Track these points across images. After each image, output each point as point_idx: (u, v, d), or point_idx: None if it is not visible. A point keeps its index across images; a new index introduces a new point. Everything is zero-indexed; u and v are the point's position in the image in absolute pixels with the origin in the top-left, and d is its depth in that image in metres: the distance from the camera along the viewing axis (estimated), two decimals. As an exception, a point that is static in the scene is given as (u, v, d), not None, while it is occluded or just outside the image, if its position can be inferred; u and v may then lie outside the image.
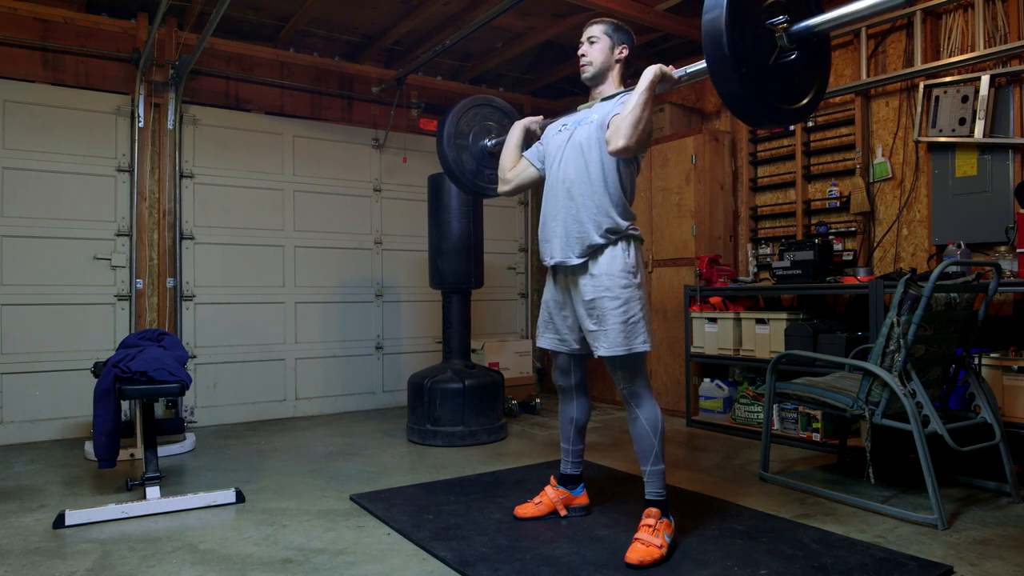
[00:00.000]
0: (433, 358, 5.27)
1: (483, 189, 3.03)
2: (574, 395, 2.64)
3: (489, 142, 3.00)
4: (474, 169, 3.00)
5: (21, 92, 4.12)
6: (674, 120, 5.02)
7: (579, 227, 2.34)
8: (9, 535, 2.50)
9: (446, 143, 2.92)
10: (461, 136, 2.97)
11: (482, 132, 3.02)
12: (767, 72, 1.91)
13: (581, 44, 2.47)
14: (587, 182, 2.34)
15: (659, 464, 2.30)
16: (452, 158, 2.93)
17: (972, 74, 3.58)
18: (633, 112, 2.17)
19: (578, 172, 2.36)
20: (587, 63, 2.45)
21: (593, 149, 2.34)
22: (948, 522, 2.53)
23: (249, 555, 2.31)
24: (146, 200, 4.43)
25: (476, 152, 3.00)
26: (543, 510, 2.65)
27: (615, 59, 2.44)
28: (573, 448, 2.68)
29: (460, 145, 2.96)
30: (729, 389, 4.40)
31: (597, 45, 2.43)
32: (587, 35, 2.46)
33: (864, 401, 2.74)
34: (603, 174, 2.33)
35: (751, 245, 4.73)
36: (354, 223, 5.23)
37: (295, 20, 4.55)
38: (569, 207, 2.37)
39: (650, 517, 2.26)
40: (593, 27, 2.46)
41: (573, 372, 2.61)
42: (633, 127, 2.17)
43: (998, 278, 2.80)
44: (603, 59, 2.43)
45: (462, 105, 3.00)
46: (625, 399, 2.36)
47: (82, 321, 4.26)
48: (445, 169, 2.98)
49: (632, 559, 2.15)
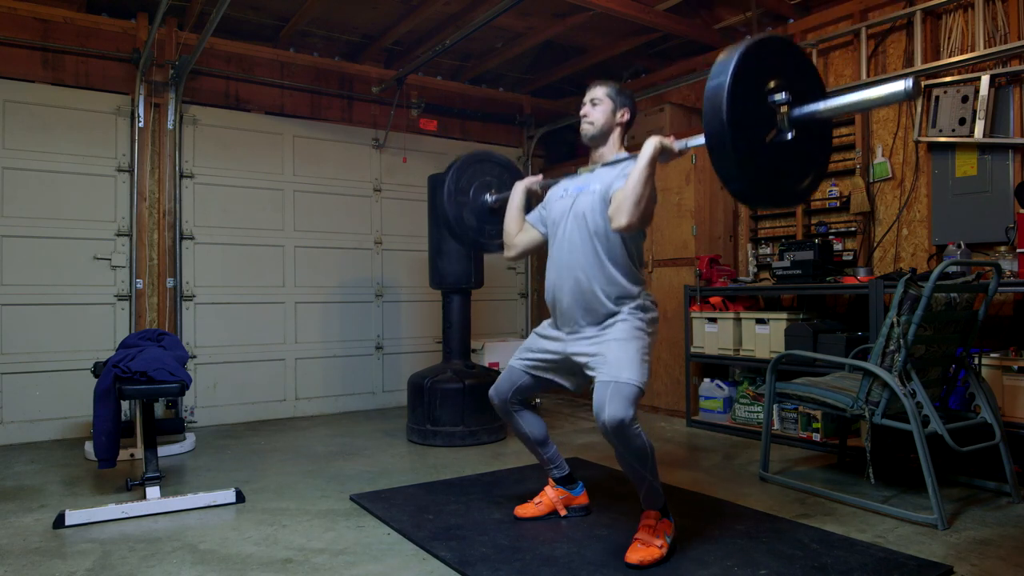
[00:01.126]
0: (433, 358, 5.27)
1: (485, 245, 3.08)
2: (514, 412, 2.59)
3: (490, 198, 3.04)
4: (475, 226, 3.04)
5: (21, 92, 4.12)
6: (674, 120, 5.02)
7: (589, 298, 2.32)
8: (9, 535, 2.50)
9: (447, 201, 2.96)
10: (462, 193, 3.02)
11: (482, 188, 3.06)
12: (764, 151, 1.89)
13: (583, 104, 2.47)
14: (592, 253, 2.32)
15: (654, 484, 2.25)
16: (454, 215, 2.98)
17: (972, 74, 3.58)
18: (635, 190, 2.15)
19: (583, 243, 2.33)
20: (588, 123, 2.44)
21: (597, 220, 2.31)
22: (948, 522, 2.53)
23: (249, 555, 2.31)
24: (146, 200, 4.43)
25: (477, 208, 3.04)
26: (543, 510, 2.65)
27: (616, 122, 2.44)
28: (546, 456, 2.65)
29: (461, 202, 3.01)
30: (729, 389, 4.40)
31: (600, 107, 2.43)
32: (590, 96, 2.46)
33: (864, 401, 2.74)
34: (608, 245, 2.31)
35: (751, 245, 4.73)
36: (354, 223, 5.23)
37: (295, 20, 4.55)
38: (577, 279, 2.33)
39: (650, 518, 2.25)
40: (597, 89, 2.46)
41: (519, 394, 2.56)
42: (635, 205, 2.15)
43: (998, 278, 2.80)
44: (605, 120, 2.43)
45: (462, 162, 3.05)
46: (610, 435, 2.12)
47: (82, 321, 4.26)
48: (447, 227, 3.04)
49: (632, 559, 2.15)
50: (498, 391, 2.59)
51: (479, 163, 3.09)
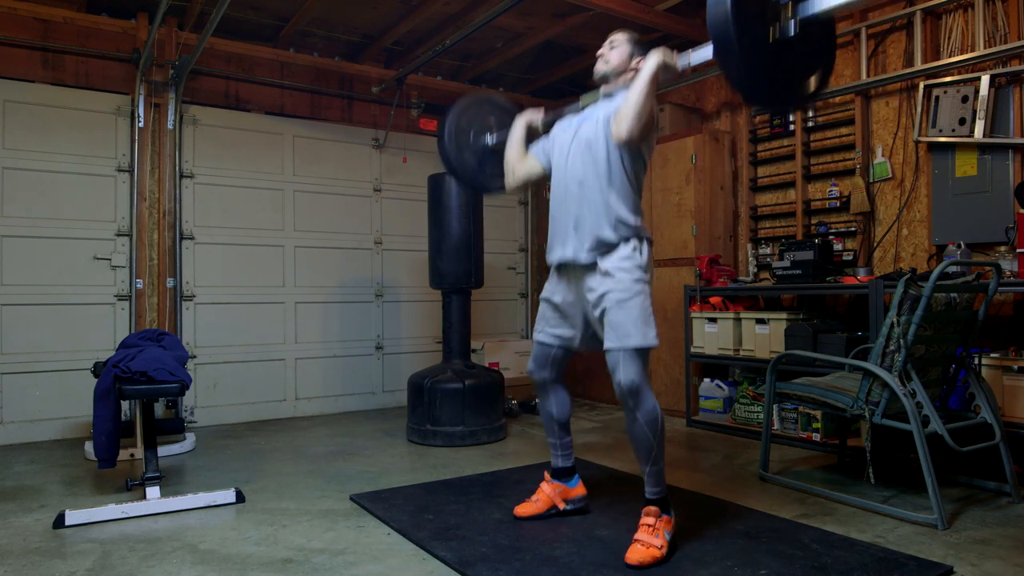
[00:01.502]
0: (433, 358, 5.27)
1: (484, 185, 3.05)
2: (550, 389, 2.63)
3: (490, 139, 3.00)
4: (475, 166, 3.00)
5: (21, 92, 4.12)
6: (674, 120, 5.02)
7: (590, 223, 2.35)
8: (9, 535, 2.50)
9: (447, 141, 2.92)
10: (462, 134, 2.97)
11: (482, 130, 3.02)
12: (772, 52, 1.92)
13: (602, 47, 2.50)
14: (595, 177, 2.35)
15: (659, 463, 2.29)
16: (453, 156, 2.94)
17: (972, 74, 3.58)
18: (637, 100, 2.19)
19: (585, 169, 2.37)
20: (604, 62, 2.47)
21: (600, 145, 2.35)
22: (948, 522, 2.53)
23: (249, 555, 2.31)
24: (146, 200, 4.43)
25: (477, 150, 3.00)
26: (541, 507, 2.65)
27: (631, 67, 2.44)
28: (560, 442, 2.68)
29: (461, 143, 2.96)
30: (729, 389, 4.40)
31: (617, 50, 2.45)
32: (610, 39, 2.49)
33: (864, 401, 2.74)
34: (609, 169, 2.34)
35: (751, 245, 4.73)
36: (354, 223, 5.23)
37: (295, 20, 4.55)
38: (579, 204, 2.37)
39: (649, 516, 2.25)
40: (617, 34, 2.49)
41: (551, 366, 2.60)
42: (637, 116, 2.19)
43: (998, 278, 2.80)
44: (619, 62, 2.44)
45: (463, 103, 3.01)
46: (624, 397, 2.27)
47: (82, 321, 4.26)
48: (446, 166, 2.98)
49: (632, 560, 2.15)
50: (536, 365, 2.64)
51: (480, 104, 3.05)
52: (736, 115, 4.87)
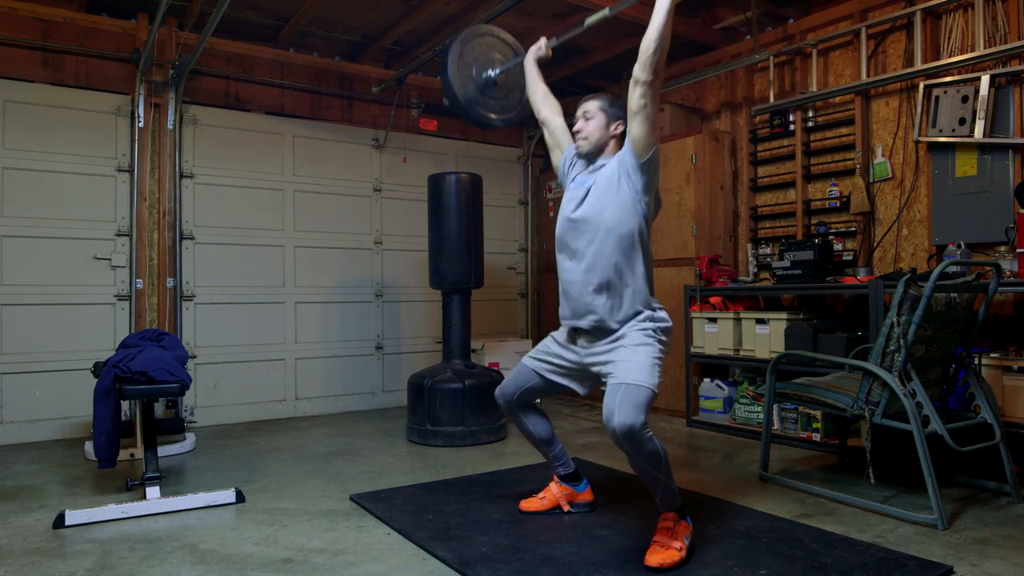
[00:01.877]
0: (433, 358, 5.27)
1: (486, 120, 2.96)
2: (520, 412, 2.61)
3: (493, 72, 2.93)
4: (478, 98, 2.92)
5: (21, 92, 4.12)
6: (674, 120, 5.02)
7: (602, 299, 2.30)
8: (9, 535, 2.50)
9: (450, 69, 2.83)
10: (465, 66, 2.89)
11: (486, 63, 2.94)
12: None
13: (576, 120, 2.45)
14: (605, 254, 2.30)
15: (669, 486, 2.23)
16: (457, 86, 2.84)
17: (972, 74, 3.58)
18: (656, 35, 2.14)
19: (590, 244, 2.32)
20: (583, 139, 2.43)
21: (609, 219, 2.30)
22: (948, 522, 2.53)
23: (249, 555, 2.31)
24: (146, 200, 4.43)
25: (480, 82, 2.93)
26: (547, 504, 2.67)
27: (611, 135, 2.42)
28: (553, 454, 2.68)
29: (464, 75, 2.89)
30: (729, 389, 4.40)
31: (593, 121, 2.41)
32: (582, 110, 2.44)
33: (864, 401, 2.74)
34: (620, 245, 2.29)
35: (751, 245, 4.73)
36: (354, 223, 5.23)
37: (295, 20, 4.55)
38: (591, 275, 2.33)
39: (667, 520, 2.24)
40: (589, 103, 2.43)
41: (527, 395, 2.56)
42: (654, 53, 2.14)
43: (998, 278, 2.80)
44: (599, 135, 2.41)
45: (465, 34, 2.92)
46: (621, 442, 2.09)
47: (82, 321, 4.26)
48: (449, 98, 2.88)
49: (652, 562, 2.13)
50: (504, 392, 2.60)
51: (484, 36, 2.98)
52: (736, 115, 4.87)
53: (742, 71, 4.81)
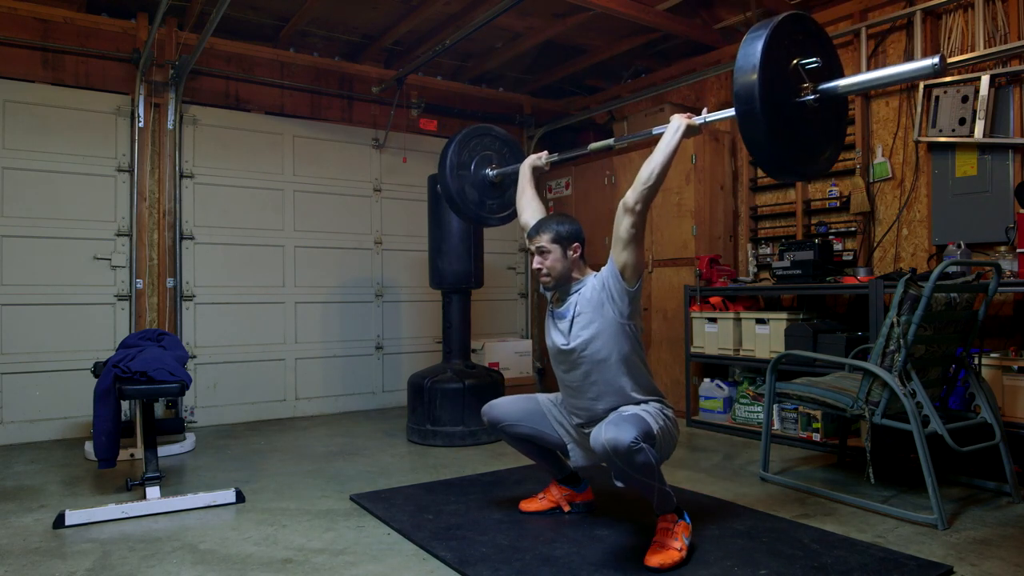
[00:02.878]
0: (433, 358, 5.26)
1: (485, 219, 3.09)
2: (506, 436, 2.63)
3: (491, 172, 3.04)
4: (476, 200, 3.05)
5: (21, 92, 4.12)
6: (674, 120, 5.01)
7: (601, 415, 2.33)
8: (9, 535, 2.50)
9: (449, 174, 2.95)
10: (463, 167, 3.01)
11: (483, 162, 3.06)
12: (790, 119, 1.98)
13: (533, 256, 2.43)
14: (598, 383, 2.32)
15: (664, 490, 2.22)
16: (455, 189, 2.98)
17: (972, 74, 3.58)
18: (657, 169, 2.16)
19: (585, 376, 2.33)
20: (546, 276, 2.40)
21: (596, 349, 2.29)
22: (948, 522, 2.53)
23: (249, 555, 2.31)
24: (146, 200, 4.43)
25: (478, 182, 3.04)
26: (547, 504, 2.68)
27: (571, 260, 2.39)
28: (547, 462, 2.69)
29: (462, 176, 3.00)
30: (729, 389, 4.40)
31: (550, 255, 2.37)
32: (535, 246, 2.40)
33: (864, 401, 2.74)
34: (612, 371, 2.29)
35: (751, 245, 4.73)
36: (354, 223, 5.23)
37: (295, 20, 4.55)
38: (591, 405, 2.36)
39: (667, 521, 2.24)
40: (539, 238, 2.38)
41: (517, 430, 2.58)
42: (649, 186, 2.16)
43: (998, 278, 2.80)
44: (560, 267, 2.38)
45: (464, 135, 3.04)
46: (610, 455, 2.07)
47: (82, 321, 4.26)
48: (448, 200, 3.03)
49: (652, 562, 2.13)
50: (492, 413, 2.61)
51: (480, 137, 3.08)
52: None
53: (742, 71, 4.79)
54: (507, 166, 3.02)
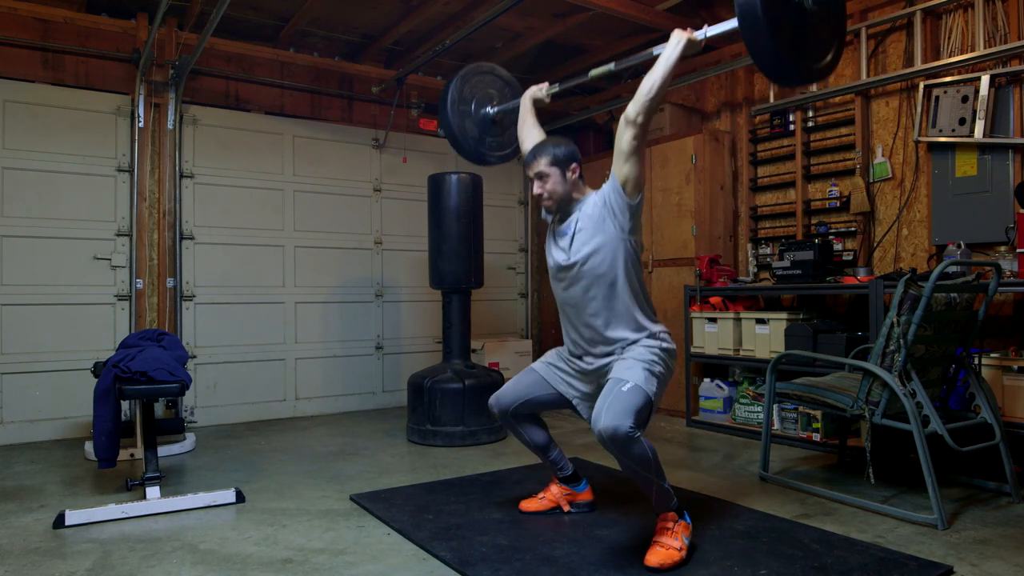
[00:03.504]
0: (433, 358, 5.27)
1: (485, 156, 3.04)
2: (515, 422, 2.61)
3: (491, 110, 3.00)
4: (476, 136, 2.99)
5: (21, 92, 4.12)
6: (674, 120, 5.02)
7: (603, 339, 2.34)
8: (9, 535, 2.50)
9: (450, 110, 2.91)
10: (464, 103, 2.97)
11: (484, 100, 3.01)
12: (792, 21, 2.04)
13: (532, 183, 2.42)
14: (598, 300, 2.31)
15: (663, 486, 2.22)
16: (456, 124, 2.93)
17: (972, 74, 3.58)
18: (657, 83, 2.17)
19: (583, 293, 2.33)
20: (547, 200, 2.40)
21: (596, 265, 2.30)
22: (948, 522, 2.53)
23: (249, 555, 2.31)
24: (146, 200, 4.43)
25: (478, 119, 3.00)
26: (547, 504, 2.68)
27: (571, 181, 2.39)
28: (551, 459, 2.68)
29: (463, 111, 2.96)
30: (729, 389, 4.40)
31: (550, 179, 2.38)
32: (534, 172, 2.40)
33: (864, 401, 2.74)
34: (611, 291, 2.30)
35: (751, 245, 4.73)
36: (354, 223, 5.23)
37: (295, 20, 4.55)
38: (589, 325, 2.36)
39: (667, 520, 2.24)
40: (536, 163, 2.38)
41: (527, 407, 2.57)
42: (654, 96, 2.17)
43: (998, 278, 2.80)
44: (561, 189, 2.38)
45: (466, 71, 3.00)
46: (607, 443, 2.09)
47: (82, 321, 4.26)
48: (448, 135, 2.96)
49: (652, 562, 2.13)
50: (500, 402, 2.59)
51: (482, 75, 3.05)
52: (736, 115, 4.87)
53: (742, 71, 4.81)
54: (507, 103, 2.98)
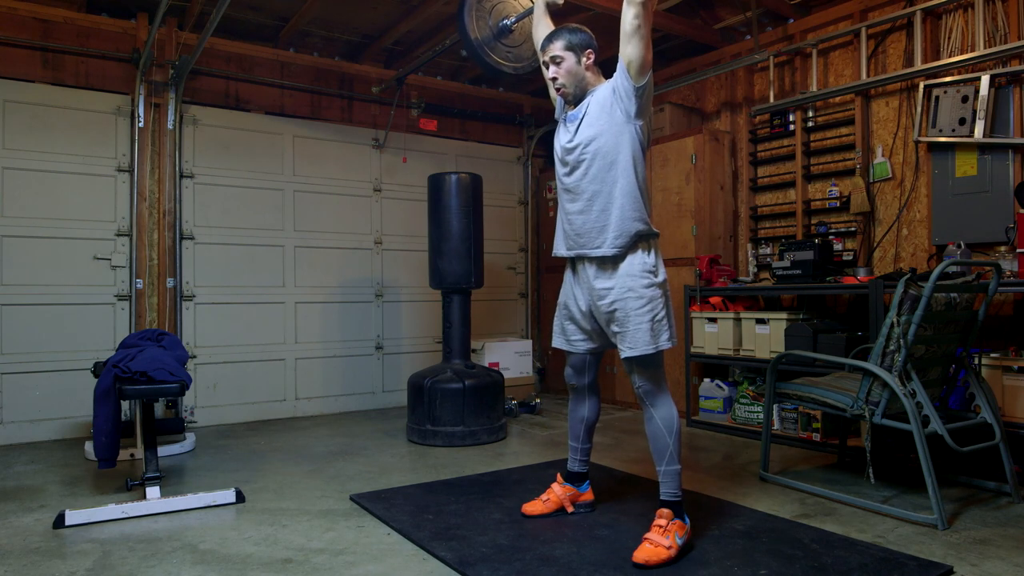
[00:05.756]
0: (433, 358, 5.27)
1: (499, 65, 3.03)
2: (586, 395, 2.65)
3: (508, 20, 3.00)
4: (490, 42, 3.00)
5: (21, 92, 4.12)
6: (674, 120, 5.02)
7: (600, 223, 2.33)
8: (9, 535, 2.50)
9: (467, 14, 2.90)
10: (481, 8, 2.97)
11: (502, 13, 3.03)
12: None
13: (547, 66, 2.42)
14: (600, 181, 2.33)
15: (674, 464, 2.29)
16: (470, 25, 2.90)
17: (972, 74, 3.58)
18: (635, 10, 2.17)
19: (585, 173, 2.35)
20: (561, 84, 2.41)
21: (600, 146, 2.32)
22: (948, 522, 2.53)
23: (249, 555, 2.31)
24: (146, 200, 4.43)
25: (495, 28, 3.00)
26: (551, 507, 2.66)
27: (585, 67, 2.41)
28: (582, 447, 2.69)
29: (479, 15, 2.96)
30: (729, 389, 4.40)
31: (564, 63, 2.39)
32: (549, 55, 2.41)
33: (864, 401, 2.74)
34: (613, 174, 2.32)
35: (751, 245, 4.73)
36: (354, 223, 5.23)
37: (295, 20, 4.55)
38: (589, 204, 2.36)
39: (662, 518, 2.25)
40: (552, 46, 2.40)
41: (587, 371, 2.61)
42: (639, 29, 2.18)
43: (998, 278, 2.80)
44: (575, 76, 2.40)
45: None
46: (641, 398, 2.35)
47: (82, 321, 4.25)
48: (463, 38, 2.94)
49: (639, 558, 2.14)
50: (573, 371, 2.65)
51: None
52: (736, 115, 4.87)
53: (742, 71, 4.81)
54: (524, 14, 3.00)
